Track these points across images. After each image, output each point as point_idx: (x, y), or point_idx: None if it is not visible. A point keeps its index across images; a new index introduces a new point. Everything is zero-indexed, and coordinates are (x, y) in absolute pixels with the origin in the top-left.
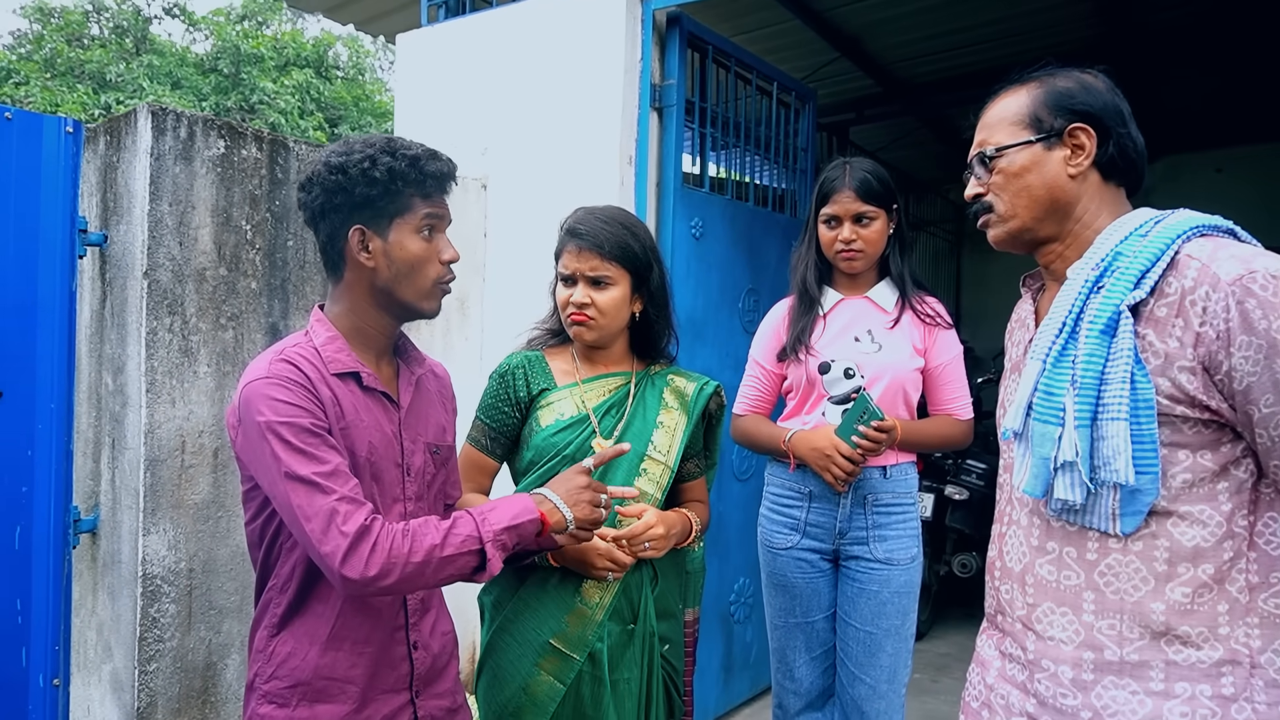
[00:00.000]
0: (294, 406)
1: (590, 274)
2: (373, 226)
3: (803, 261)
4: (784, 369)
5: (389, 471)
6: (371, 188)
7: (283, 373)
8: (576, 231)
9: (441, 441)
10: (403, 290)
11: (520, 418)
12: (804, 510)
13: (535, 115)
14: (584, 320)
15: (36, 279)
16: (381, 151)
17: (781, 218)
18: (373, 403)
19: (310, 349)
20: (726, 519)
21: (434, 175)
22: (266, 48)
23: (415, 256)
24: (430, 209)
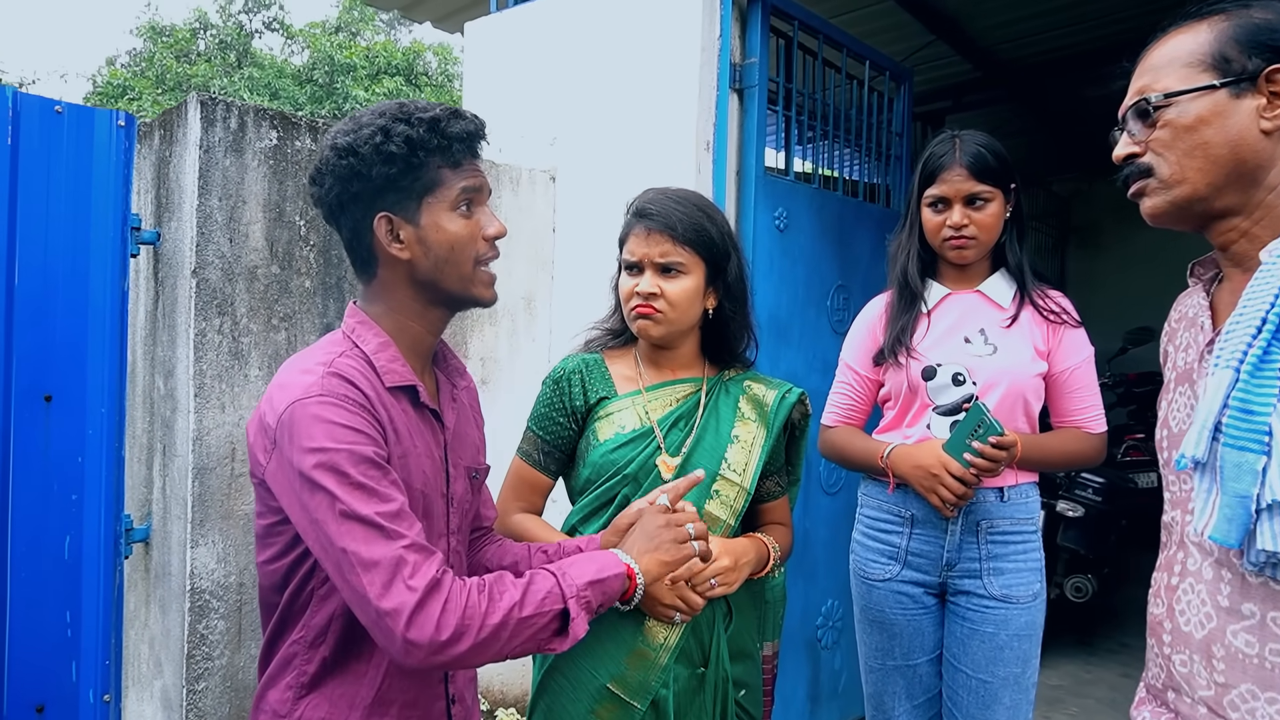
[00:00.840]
0: (355, 432)
1: (660, 260)
2: (400, 211)
3: (903, 251)
4: (881, 374)
5: (436, 504)
6: (390, 166)
7: (338, 390)
8: (645, 212)
9: (479, 464)
10: (449, 280)
11: (576, 429)
12: (905, 537)
13: (606, 102)
14: (650, 312)
15: (88, 279)
16: (395, 120)
17: (874, 208)
18: (424, 424)
19: (360, 358)
20: (813, 536)
21: (460, 137)
22: (359, 57)
23: (456, 237)
24: (464, 180)
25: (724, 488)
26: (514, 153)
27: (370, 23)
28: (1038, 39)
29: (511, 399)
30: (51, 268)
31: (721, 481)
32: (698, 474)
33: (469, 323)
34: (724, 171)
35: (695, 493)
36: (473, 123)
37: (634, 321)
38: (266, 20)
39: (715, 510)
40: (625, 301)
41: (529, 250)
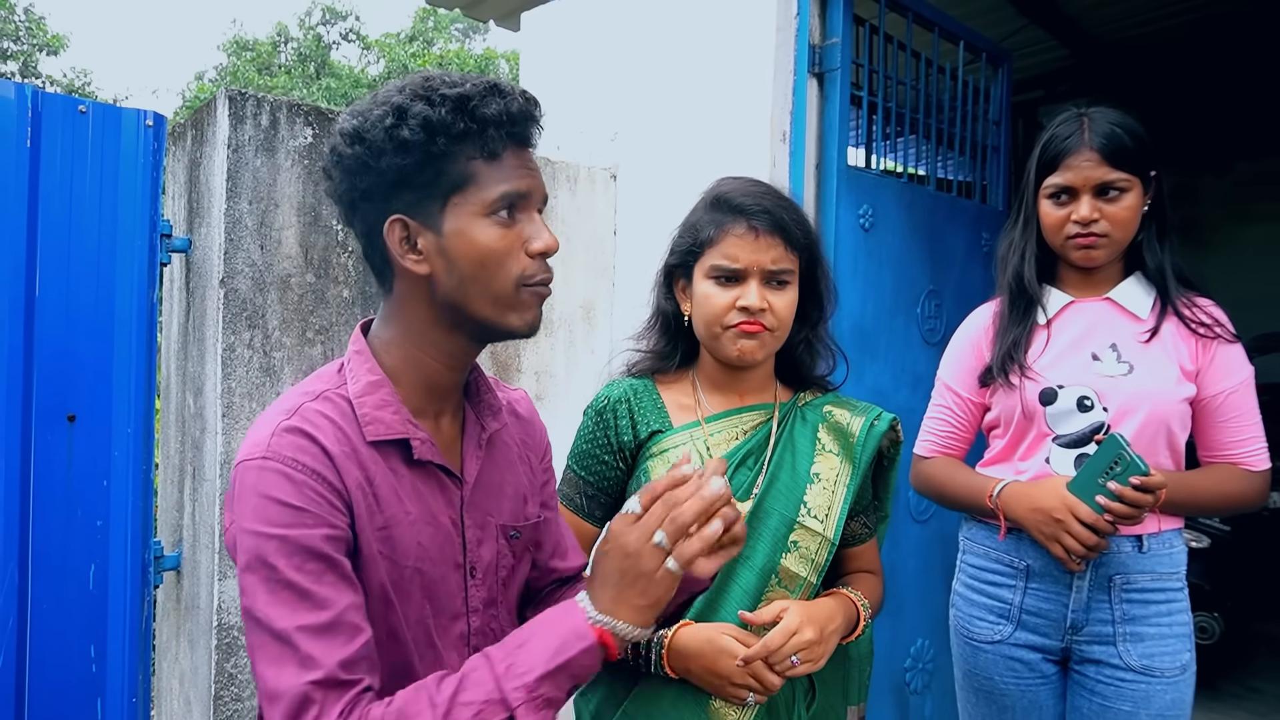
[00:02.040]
0: (296, 511)
1: (772, 267)
2: (418, 214)
3: (1016, 251)
4: (987, 397)
5: (446, 579)
6: (403, 156)
7: (287, 452)
8: (745, 208)
9: (521, 520)
10: (476, 303)
11: (625, 469)
12: (1018, 592)
13: (671, 92)
14: (758, 331)
15: (114, 290)
16: (414, 97)
17: (968, 204)
18: (425, 482)
19: (340, 402)
20: (900, 568)
21: (497, 120)
22: (432, 65)
23: (489, 251)
24: (507, 180)
25: (804, 538)
26: (573, 150)
27: (444, 31)
28: (1141, 20)
29: (568, 417)
30: (75, 278)
31: (801, 531)
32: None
33: None
34: (802, 165)
35: (769, 546)
36: (517, 100)
37: (733, 343)
38: (343, 31)
39: (793, 566)
40: (716, 318)
41: (588, 255)
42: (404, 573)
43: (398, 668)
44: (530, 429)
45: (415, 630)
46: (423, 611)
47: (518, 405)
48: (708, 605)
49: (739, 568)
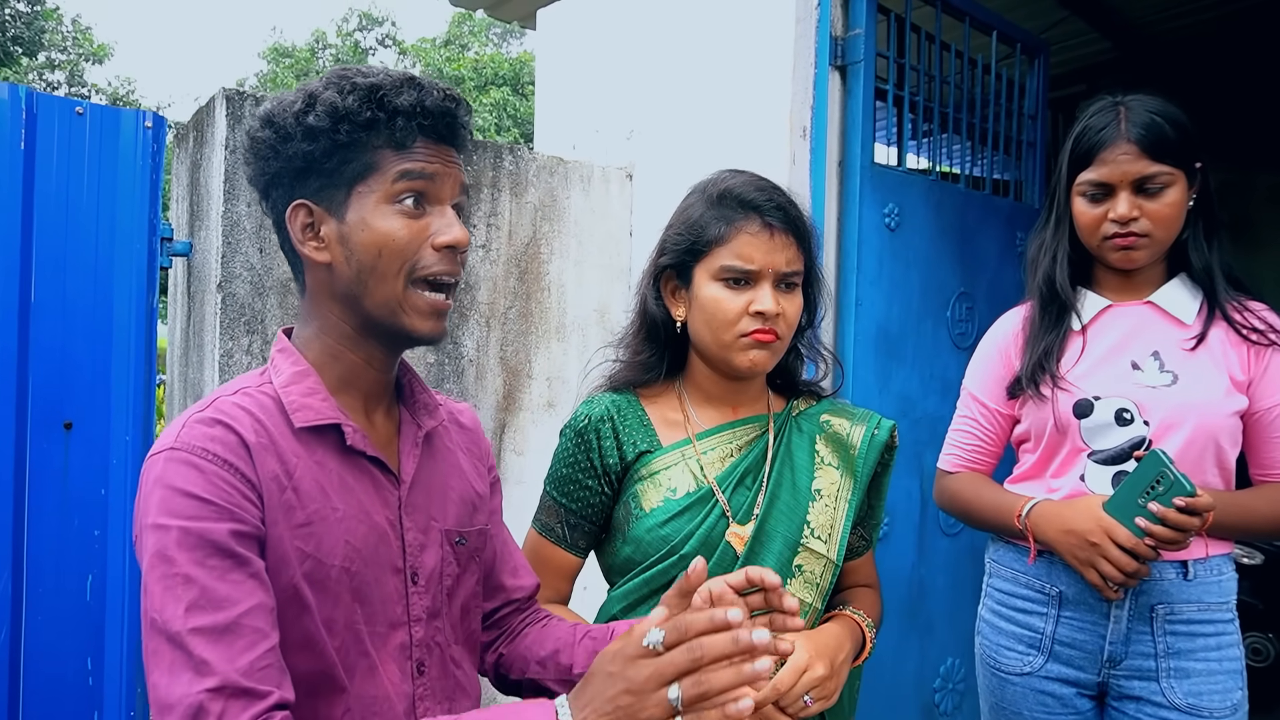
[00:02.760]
0: (201, 503)
1: (786, 269)
2: (323, 201)
3: (1047, 253)
4: (1016, 409)
5: (382, 583)
6: (310, 142)
7: (197, 442)
8: (758, 204)
9: (468, 526)
10: (372, 298)
11: (610, 493)
12: (1050, 620)
13: (688, 88)
14: (771, 340)
15: (112, 294)
16: (327, 86)
17: (1002, 203)
18: (357, 478)
19: (261, 397)
20: (929, 584)
21: (408, 110)
22: (467, 69)
23: (385, 238)
24: (410, 164)
25: (808, 561)
26: (589, 149)
27: (479, 35)
28: (1193, 6)
29: None
30: (72, 282)
31: (805, 554)
32: (772, 579)
33: (533, 339)
34: (824, 162)
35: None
36: (433, 95)
37: (744, 353)
38: (380, 37)
39: (798, 592)
40: (727, 324)
41: (602, 256)
42: (330, 572)
43: (313, 678)
44: (476, 439)
45: (343, 636)
46: (352, 616)
47: (461, 416)
48: None
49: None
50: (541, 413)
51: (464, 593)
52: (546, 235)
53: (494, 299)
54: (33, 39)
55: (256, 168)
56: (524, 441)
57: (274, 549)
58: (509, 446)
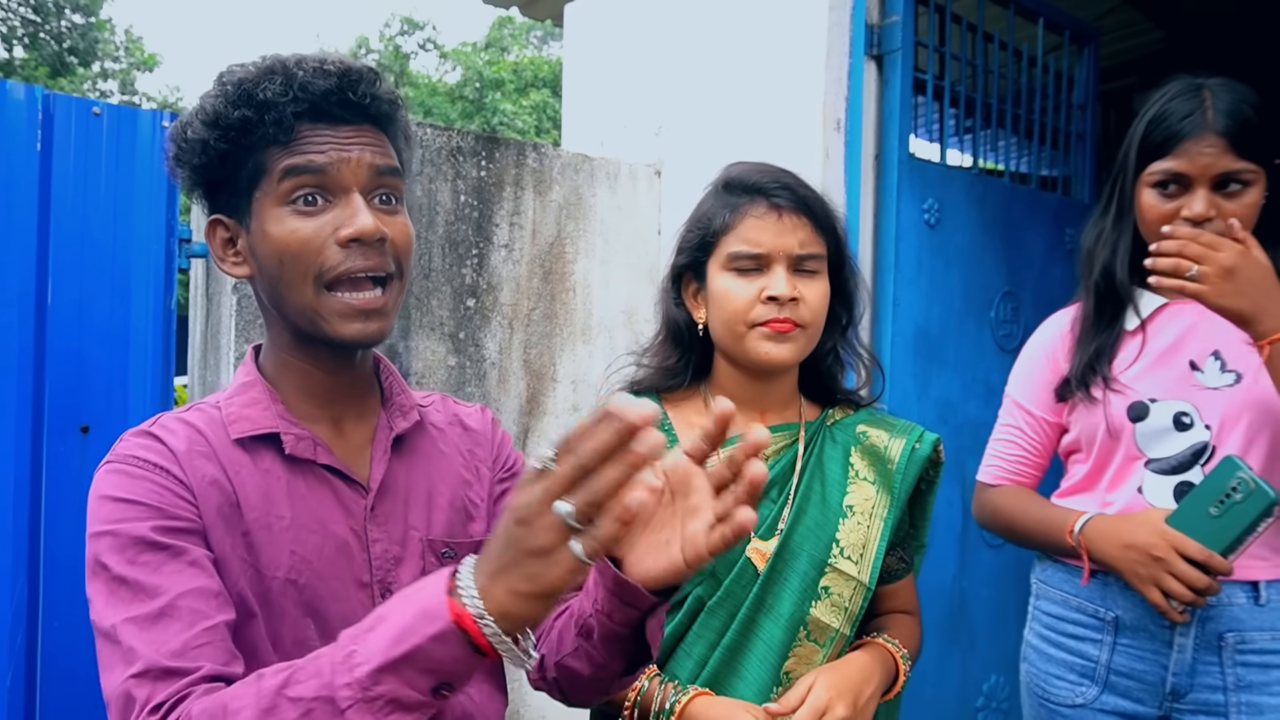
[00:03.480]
0: (129, 505)
1: (799, 251)
2: (234, 213)
3: (1106, 245)
4: (1065, 415)
5: (342, 598)
6: (204, 155)
7: (132, 451)
8: (762, 186)
9: (459, 536)
10: (289, 307)
11: None
12: (1105, 648)
13: (717, 81)
14: (789, 329)
15: (129, 296)
16: (211, 92)
17: (1049, 197)
18: (312, 486)
19: (209, 410)
20: (972, 597)
21: (277, 102)
22: (507, 72)
23: (280, 244)
24: (293, 159)
25: (837, 583)
26: (617, 145)
27: (519, 38)
28: None
29: None
30: (88, 284)
31: (833, 574)
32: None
33: (558, 341)
34: (859, 155)
35: (796, 593)
36: (305, 73)
37: (758, 345)
38: (421, 41)
39: (825, 616)
40: (739, 314)
41: (629, 256)
42: (272, 584)
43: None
44: (480, 440)
45: (290, 654)
46: (303, 632)
47: (468, 418)
48: (725, 664)
49: (761, 618)
50: (566, 417)
51: None
52: (571, 234)
53: (517, 300)
54: (87, 49)
55: (182, 188)
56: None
57: (217, 550)
58: (532, 451)
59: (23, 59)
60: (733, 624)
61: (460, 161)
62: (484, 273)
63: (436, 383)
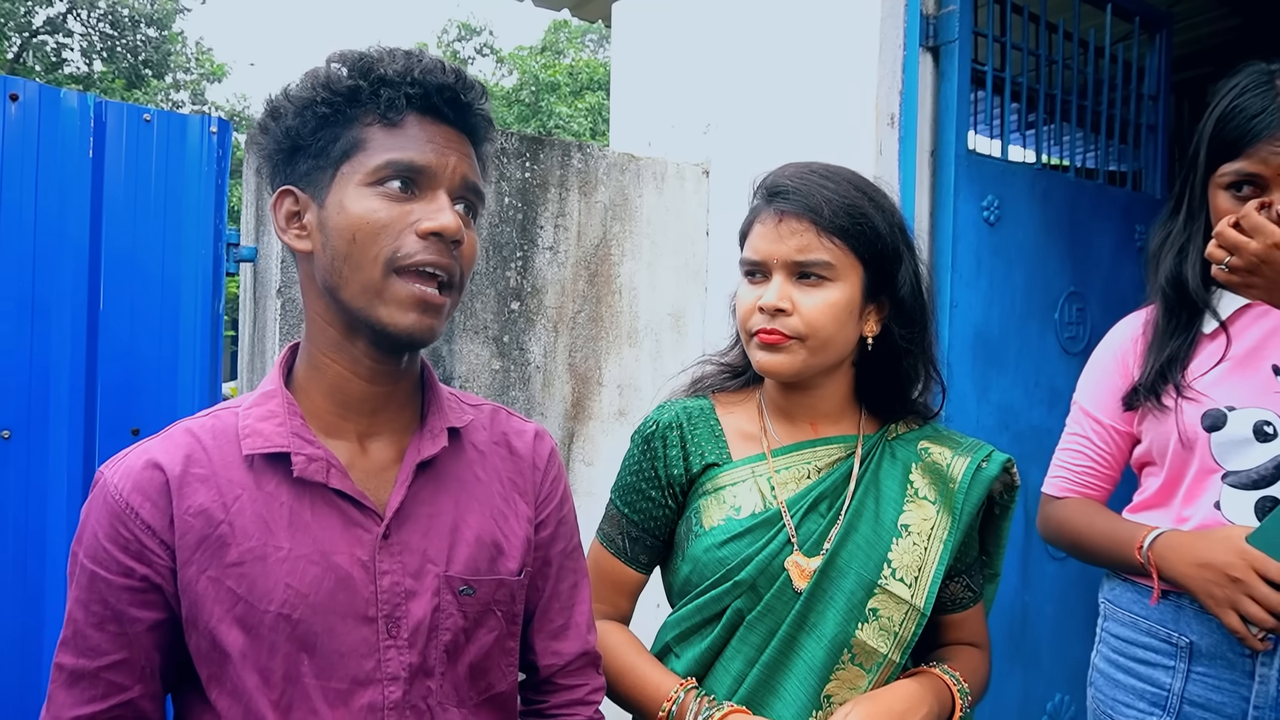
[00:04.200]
0: (100, 547)
1: (798, 258)
2: (309, 186)
3: (1174, 248)
4: (1135, 424)
5: (341, 633)
6: (300, 117)
7: (120, 480)
8: (778, 189)
9: (483, 574)
10: (347, 288)
11: (674, 507)
12: (1178, 676)
13: (767, 77)
14: (778, 341)
15: (179, 301)
16: (327, 62)
17: (1118, 193)
18: (319, 512)
19: (227, 418)
20: (1035, 612)
21: (397, 80)
22: (562, 75)
23: (358, 221)
24: (400, 154)
25: (886, 605)
26: (665, 145)
27: (575, 42)
28: None
29: None
30: (139, 290)
31: (883, 596)
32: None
33: (603, 344)
34: (913, 151)
35: (841, 613)
36: (424, 63)
37: (755, 354)
38: (478, 46)
39: (871, 640)
40: (742, 322)
41: (676, 258)
42: (263, 618)
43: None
44: (524, 469)
45: (281, 689)
46: (295, 669)
47: (517, 439)
48: (763, 682)
49: (803, 637)
50: (612, 422)
51: (476, 651)
52: (617, 236)
53: (562, 303)
54: (161, 62)
55: (260, 156)
56: (594, 452)
57: (187, 594)
58: (578, 457)
59: (101, 72)
60: (773, 641)
61: (504, 163)
62: (528, 275)
63: (480, 387)
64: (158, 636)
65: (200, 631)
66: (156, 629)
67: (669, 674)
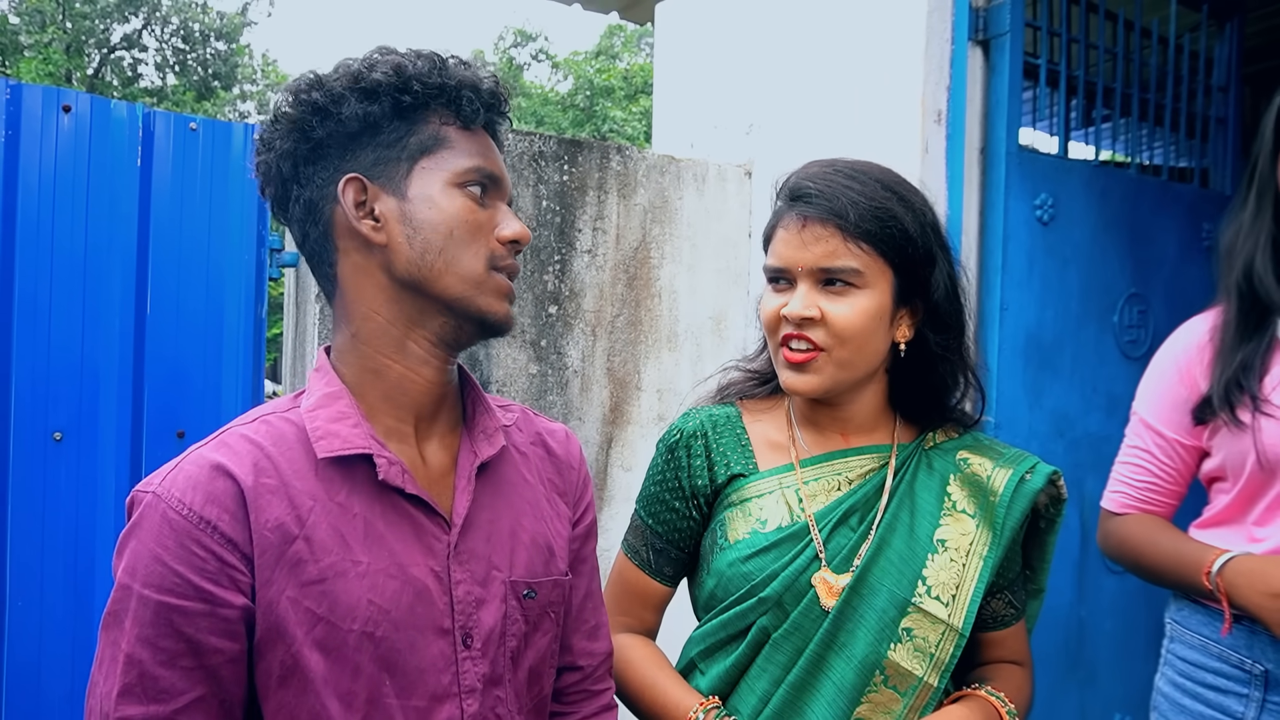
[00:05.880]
0: (167, 571)
1: (823, 264)
2: (379, 176)
3: (1248, 241)
4: (1205, 439)
5: (421, 648)
6: (371, 101)
7: (177, 490)
8: (802, 192)
9: (540, 575)
10: (445, 279)
11: (699, 519)
12: (1253, 706)
13: (811, 76)
14: (806, 359)
15: (223, 305)
16: (383, 53)
17: (1184, 189)
18: (392, 522)
19: (281, 425)
20: (1092, 628)
21: (473, 86)
22: (617, 79)
23: (456, 220)
24: (482, 161)
25: (921, 625)
26: (708, 146)
27: (630, 46)
28: None
29: None
30: (184, 294)
31: (917, 615)
32: None
33: (642, 348)
34: (961, 148)
35: (872, 633)
36: (488, 80)
37: (782, 371)
38: (534, 52)
39: (904, 661)
40: (769, 332)
41: (717, 260)
42: (347, 638)
43: None
44: (562, 469)
45: (364, 712)
46: (377, 690)
47: (550, 438)
48: (789, 703)
49: (832, 657)
50: (651, 426)
51: (533, 655)
52: (657, 238)
53: (600, 306)
54: (229, 74)
55: (291, 142)
56: (632, 457)
57: (266, 617)
58: (616, 462)
59: (173, 85)
60: (800, 660)
61: (542, 166)
62: (566, 279)
63: (517, 391)
64: (237, 669)
65: (276, 658)
66: (237, 661)
67: (691, 691)
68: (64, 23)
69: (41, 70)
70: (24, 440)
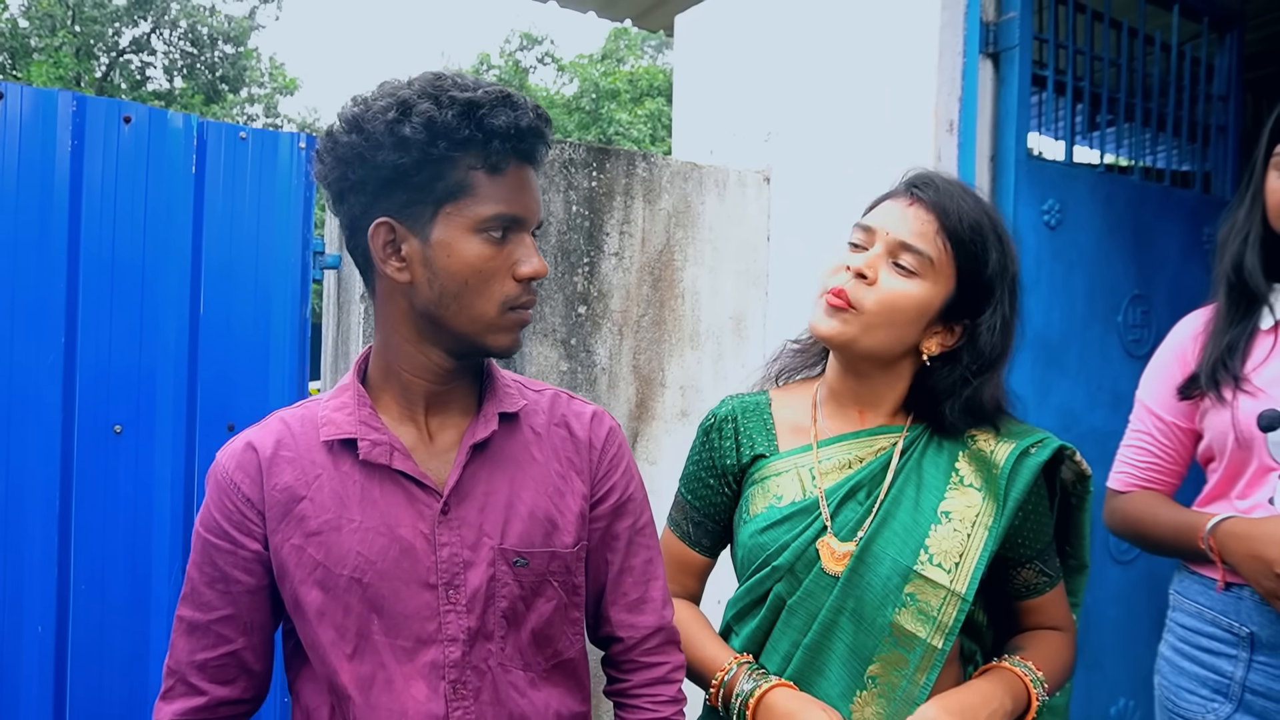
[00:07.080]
0: (212, 519)
1: (908, 240)
2: (407, 218)
3: (1238, 235)
4: (1198, 420)
5: (406, 597)
6: (402, 153)
7: (224, 461)
8: (924, 180)
9: (535, 546)
10: (457, 319)
11: (730, 494)
12: (1240, 665)
13: (827, 86)
14: (841, 306)
15: (270, 306)
16: (421, 96)
17: (1185, 195)
18: (385, 490)
19: (314, 408)
20: (1097, 615)
21: (504, 133)
22: (622, 82)
23: (471, 268)
24: (501, 201)
25: (923, 591)
26: (726, 153)
27: (635, 49)
28: None
29: None
30: (234, 296)
31: (919, 582)
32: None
33: (666, 347)
34: (972, 156)
35: (878, 598)
36: (528, 115)
37: (814, 313)
38: (540, 55)
39: (908, 624)
40: (824, 279)
41: (738, 263)
42: (338, 581)
43: (322, 680)
44: (581, 448)
45: (355, 643)
46: (366, 627)
47: (575, 420)
48: (807, 663)
49: (843, 621)
50: (674, 422)
51: (537, 619)
52: (680, 242)
53: (626, 307)
54: (236, 77)
55: (338, 172)
56: (657, 450)
57: (276, 557)
58: (641, 455)
59: (181, 89)
60: (814, 624)
61: (572, 173)
62: (595, 280)
63: None
64: (256, 598)
65: (287, 592)
66: (256, 592)
67: (726, 648)
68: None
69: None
70: (87, 433)
